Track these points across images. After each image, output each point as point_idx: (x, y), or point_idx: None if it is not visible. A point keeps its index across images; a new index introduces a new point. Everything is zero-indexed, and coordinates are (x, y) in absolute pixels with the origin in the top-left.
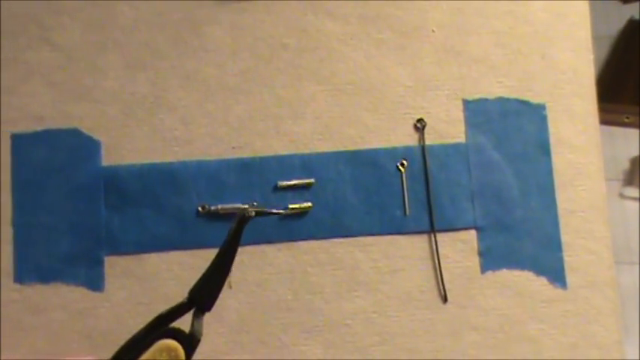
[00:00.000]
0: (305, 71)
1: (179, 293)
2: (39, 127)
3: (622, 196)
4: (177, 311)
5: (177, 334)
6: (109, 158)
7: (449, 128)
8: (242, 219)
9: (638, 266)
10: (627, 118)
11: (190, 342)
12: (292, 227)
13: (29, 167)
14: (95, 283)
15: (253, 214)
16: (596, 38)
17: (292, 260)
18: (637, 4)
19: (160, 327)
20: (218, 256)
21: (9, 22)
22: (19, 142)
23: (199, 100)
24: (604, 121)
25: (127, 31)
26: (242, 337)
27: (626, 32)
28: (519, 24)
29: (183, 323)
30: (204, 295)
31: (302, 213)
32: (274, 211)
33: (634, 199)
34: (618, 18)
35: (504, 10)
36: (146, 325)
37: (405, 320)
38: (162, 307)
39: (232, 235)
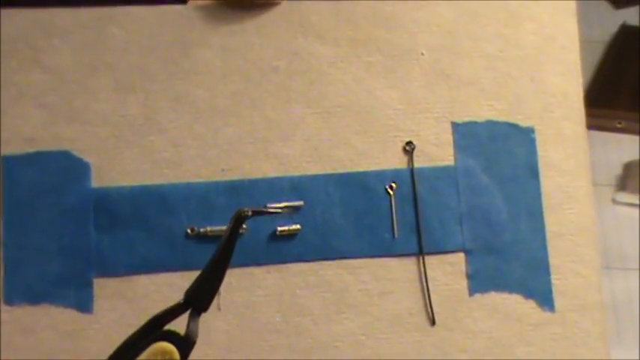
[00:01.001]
0: (295, 94)
1: None
2: (30, 149)
3: (615, 201)
4: (172, 312)
5: (172, 337)
6: (99, 180)
7: (438, 151)
8: (239, 218)
9: (630, 272)
10: (620, 123)
11: (186, 344)
12: (281, 249)
13: (20, 189)
14: (84, 304)
15: (250, 213)
16: (589, 43)
17: (281, 282)
18: (630, 9)
19: (155, 328)
20: (214, 256)
21: (0, 44)
22: (9, 163)
23: (189, 122)
24: (597, 127)
25: (117, 54)
26: (231, 358)
27: (619, 38)
28: (509, 47)
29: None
30: (201, 295)
31: (291, 235)
32: (271, 210)
33: (627, 204)
34: (611, 23)
35: (494, 33)
36: (141, 326)
37: (394, 343)
38: None
39: (229, 234)
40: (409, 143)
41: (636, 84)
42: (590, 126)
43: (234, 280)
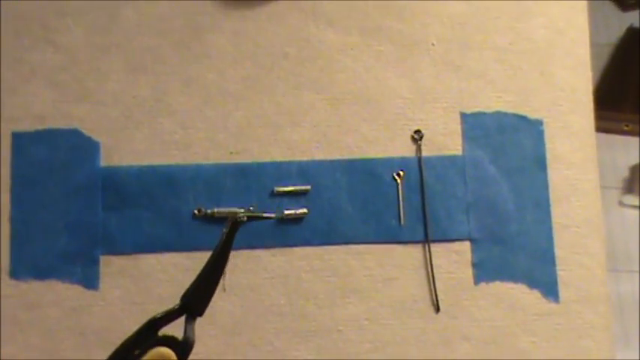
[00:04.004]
0: (305, 80)
1: (173, 294)
2: (40, 127)
3: (621, 204)
4: (168, 316)
5: (170, 342)
6: (108, 159)
7: (446, 140)
8: (234, 224)
9: (637, 274)
10: (627, 126)
11: (183, 348)
12: (288, 233)
13: (29, 165)
14: (90, 281)
15: (245, 218)
16: (596, 46)
17: (287, 266)
18: (636, 12)
19: (151, 332)
20: (210, 261)
21: (13, 23)
22: (19, 140)
23: (199, 105)
24: (603, 129)
25: (130, 35)
26: (235, 339)
27: (626, 40)
28: (519, 40)
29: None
30: (197, 300)
31: (298, 219)
32: (266, 215)
33: (633, 207)
34: (618, 26)
35: (505, 26)
36: (137, 330)
37: (398, 328)
38: (155, 308)
39: (224, 240)
40: (417, 132)
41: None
42: (597, 128)
43: (240, 261)
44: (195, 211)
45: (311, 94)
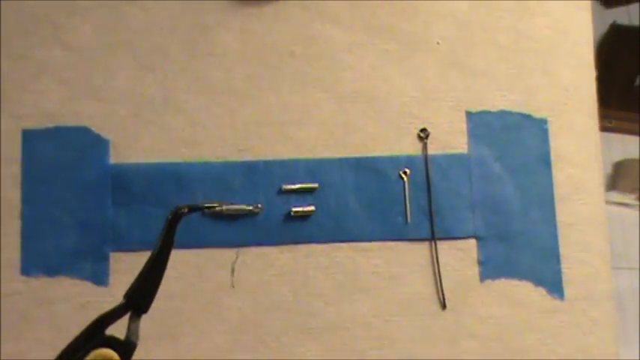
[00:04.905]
0: (311, 78)
1: (181, 291)
2: (49, 124)
3: (605, 201)
4: (114, 314)
5: (112, 342)
6: (117, 156)
7: (451, 139)
8: (174, 216)
9: (620, 271)
10: (610, 122)
11: (127, 348)
12: (295, 230)
13: (39, 162)
14: (100, 277)
15: (186, 210)
16: None
17: (294, 263)
18: (619, 8)
19: (97, 332)
20: (152, 256)
21: (22, 21)
22: (29, 137)
23: (207, 102)
24: None
25: (137, 34)
26: (242, 336)
27: (609, 37)
28: (523, 39)
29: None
30: (141, 297)
31: (305, 217)
32: (207, 205)
33: (617, 204)
34: (601, 23)
35: (508, 25)
36: (83, 330)
37: (404, 326)
38: (164, 304)
39: (165, 233)
40: (423, 130)
41: (626, 83)
42: None
43: (248, 258)
44: (223, 208)
45: (317, 92)
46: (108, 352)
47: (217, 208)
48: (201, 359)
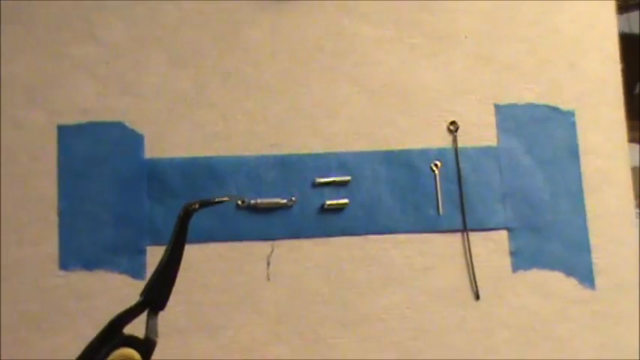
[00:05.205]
0: (340, 73)
1: (219, 284)
2: (84, 120)
3: None
4: (131, 313)
5: (132, 341)
6: (151, 151)
7: (481, 131)
8: (186, 213)
9: None
10: None
11: (147, 346)
12: (329, 223)
13: (74, 158)
14: (137, 271)
15: (197, 206)
16: None
17: (328, 255)
18: (620, 17)
19: (115, 332)
20: (166, 253)
21: (56, 18)
22: (64, 133)
23: (239, 97)
24: None
25: (170, 30)
26: (279, 328)
27: None
28: (548, 33)
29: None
30: (157, 294)
31: (338, 210)
32: (217, 199)
33: None
34: None
35: (534, 19)
36: (100, 331)
37: (438, 316)
38: (200, 297)
39: (178, 229)
40: (453, 123)
41: (626, 91)
42: None
43: (284, 251)
44: (239, 202)
45: (347, 86)
46: (130, 351)
47: (229, 200)
48: (240, 351)
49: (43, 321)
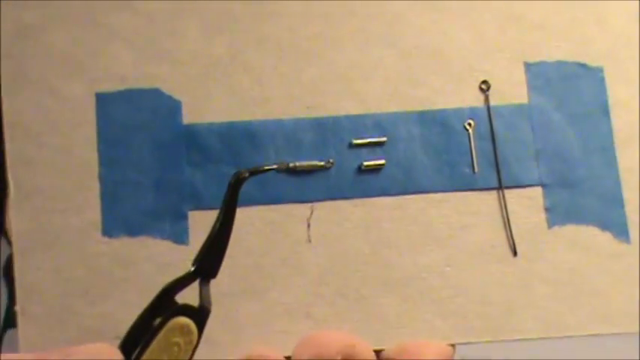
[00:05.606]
0: (373, 35)
1: (260, 246)
2: (122, 87)
3: None
4: (182, 282)
5: (186, 310)
6: (189, 117)
7: (512, 90)
8: (237, 180)
9: None
10: None
11: (201, 314)
12: (367, 184)
13: (113, 125)
14: (180, 236)
15: (247, 174)
16: None
17: (368, 216)
18: None
19: (166, 301)
20: (217, 220)
21: None
22: (103, 100)
23: (273, 61)
24: None
25: None
26: (322, 289)
27: None
28: None
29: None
30: (209, 262)
31: (376, 170)
32: (267, 167)
33: None
34: None
35: None
36: (152, 301)
37: (478, 273)
38: (244, 260)
39: (229, 197)
40: (485, 82)
41: None
42: None
43: (323, 213)
44: (285, 167)
45: (380, 48)
46: (185, 320)
47: (277, 168)
48: (284, 312)
49: (90, 287)
